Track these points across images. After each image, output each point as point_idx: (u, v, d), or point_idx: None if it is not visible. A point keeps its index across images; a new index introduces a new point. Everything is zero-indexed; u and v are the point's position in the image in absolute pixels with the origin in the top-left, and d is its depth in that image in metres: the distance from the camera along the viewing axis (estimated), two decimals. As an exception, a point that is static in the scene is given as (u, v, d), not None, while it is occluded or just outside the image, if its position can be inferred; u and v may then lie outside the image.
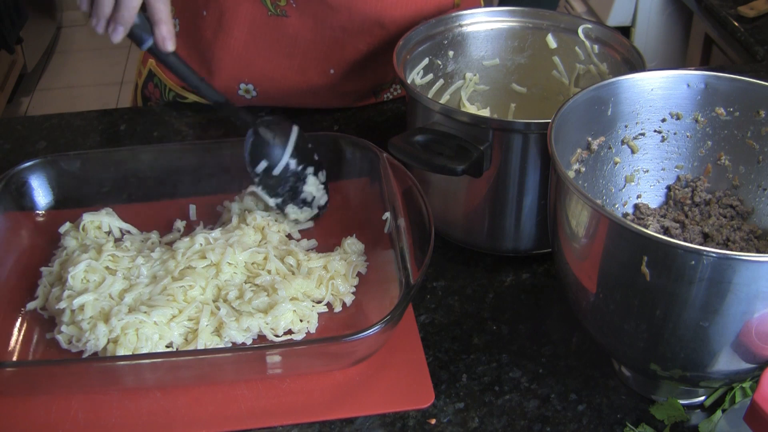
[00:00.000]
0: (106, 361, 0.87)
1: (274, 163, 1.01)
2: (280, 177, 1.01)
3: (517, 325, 0.96)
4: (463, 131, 0.94)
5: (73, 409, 0.87)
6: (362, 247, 1.03)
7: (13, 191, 1.04)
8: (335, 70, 1.26)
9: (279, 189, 1.02)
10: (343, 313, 0.97)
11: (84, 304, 0.92)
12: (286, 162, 1.01)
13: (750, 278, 0.69)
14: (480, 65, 1.16)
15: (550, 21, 1.13)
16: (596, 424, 0.86)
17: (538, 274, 1.03)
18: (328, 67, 1.26)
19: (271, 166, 1.01)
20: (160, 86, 1.34)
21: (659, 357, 0.78)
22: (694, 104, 0.92)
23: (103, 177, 1.08)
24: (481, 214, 1.01)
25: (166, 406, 0.87)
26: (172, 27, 0.96)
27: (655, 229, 0.93)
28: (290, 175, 1.02)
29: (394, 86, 1.34)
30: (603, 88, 0.90)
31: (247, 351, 0.89)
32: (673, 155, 0.95)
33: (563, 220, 0.81)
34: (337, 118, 1.31)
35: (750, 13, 1.95)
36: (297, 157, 1.02)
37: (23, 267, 1.01)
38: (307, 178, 1.02)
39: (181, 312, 0.92)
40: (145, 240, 1.04)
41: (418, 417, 0.86)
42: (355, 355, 0.88)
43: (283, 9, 1.20)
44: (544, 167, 0.95)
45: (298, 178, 1.02)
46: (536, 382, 0.90)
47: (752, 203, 0.93)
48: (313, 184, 1.03)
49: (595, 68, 1.11)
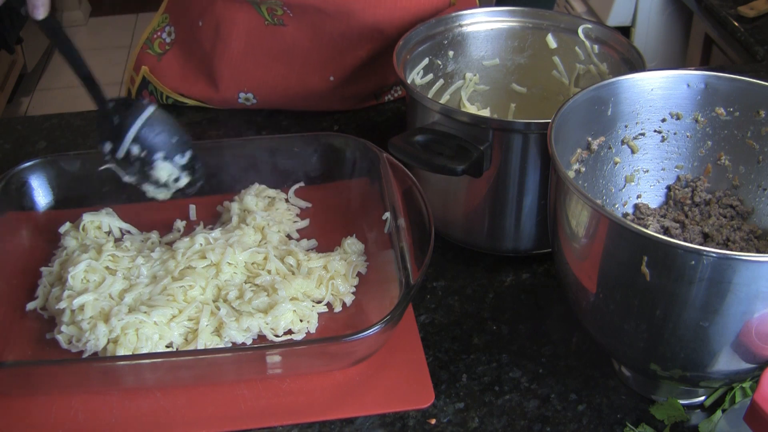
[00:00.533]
0: (106, 361, 0.87)
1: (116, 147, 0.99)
2: (126, 159, 0.99)
3: (517, 325, 0.96)
4: (463, 131, 0.94)
5: (73, 409, 0.87)
6: (362, 247, 1.03)
7: (13, 191, 1.04)
8: (335, 76, 1.26)
9: (128, 169, 1.00)
10: (343, 313, 0.97)
11: (84, 304, 0.92)
12: (127, 147, 0.98)
13: (750, 278, 0.69)
14: (480, 65, 1.16)
15: (550, 21, 1.13)
16: (596, 424, 0.86)
17: (538, 274, 1.03)
18: (327, 74, 1.25)
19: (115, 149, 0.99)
20: (156, 93, 1.33)
21: (659, 357, 0.78)
22: (694, 104, 0.92)
23: (103, 177, 1.08)
24: (481, 214, 1.01)
25: (166, 406, 0.87)
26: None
27: (655, 229, 0.93)
28: (134, 159, 0.99)
29: (395, 88, 1.34)
30: (603, 88, 0.90)
31: (247, 351, 0.89)
32: (673, 155, 0.95)
33: (563, 220, 0.81)
34: (337, 118, 1.31)
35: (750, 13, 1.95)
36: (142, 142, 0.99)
37: (23, 267, 1.01)
38: (154, 164, 0.99)
39: (181, 312, 0.92)
40: (145, 240, 1.04)
41: (418, 417, 0.86)
42: (355, 355, 0.88)
43: (280, 18, 1.20)
44: (544, 167, 0.95)
45: (144, 162, 0.99)
46: (536, 382, 0.90)
47: (752, 203, 0.93)
48: (163, 170, 0.99)
49: (595, 68, 1.11)
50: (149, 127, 0.99)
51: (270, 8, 1.19)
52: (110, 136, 0.98)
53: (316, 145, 1.10)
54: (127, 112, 0.99)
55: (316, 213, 1.10)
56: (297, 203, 1.11)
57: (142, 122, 0.98)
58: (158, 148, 0.99)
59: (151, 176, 0.99)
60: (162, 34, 1.32)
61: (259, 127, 1.29)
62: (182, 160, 1.00)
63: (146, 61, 1.32)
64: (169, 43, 1.31)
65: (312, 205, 1.11)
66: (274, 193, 1.09)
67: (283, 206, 1.09)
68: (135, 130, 0.98)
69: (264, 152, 1.10)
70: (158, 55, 1.31)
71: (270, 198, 1.09)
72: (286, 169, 1.11)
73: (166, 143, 1.00)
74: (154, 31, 1.32)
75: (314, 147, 1.10)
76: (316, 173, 1.12)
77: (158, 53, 1.31)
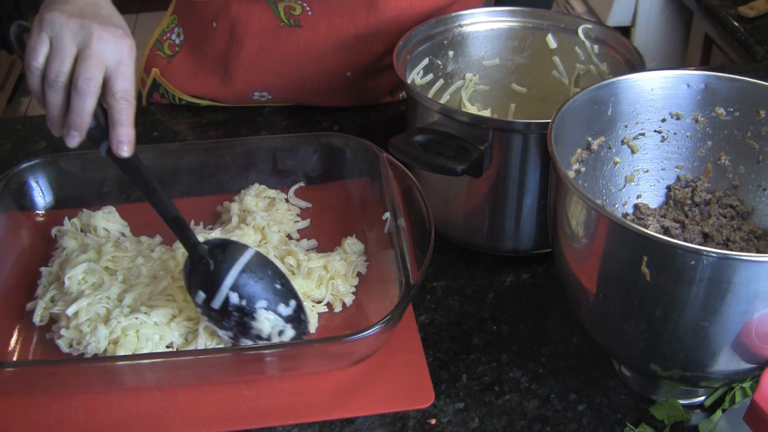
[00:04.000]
0: (105, 361, 0.87)
1: (212, 296, 0.88)
2: (222, 311, 0.89)
3: (517, 325, 0.96)
4: (463, 131, 0.94)
5: (73, 409, 0.87)
6: (362, 247, 1.03)
7: (13, 191, 1.04)
8: (352, 72, 1.26)
9: (224, 322, 0.89)
10: (343, 313, 0.97)
11: (78, 310, 0.91)
12: (225, 295, 0.88)
13: (750, 278, 0.69)
14: (480, 65, 1.16)
15: (550, 21, 1.13)
16: (596, 424, 0.85)
17: (538, 274, 1.03)
18: (344, 71, 1.25)
19: (210, 297, 0.89)
20: (168, 96, 1.33)
21: (659, 357, 0.78)
22: (694, 104, 0.92)
23: (103, 177, 1.08)
24: (481, 214, 1.01)
25: (166, 406, 0.87)
26: (131, 130, 0.84)
27: (655, 229, 0.93)
28: (233, 310, 0.88)
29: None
30: (603, 88, 0.90)
31: (247, 351, 0.89)
32: (673, 155, 0.95)
33: (563, 220, 0.81)
34: (337, 118, 1.31)
35: (750, 13, 1.95)
36: (242, 290, 0.89)
37: (23, 267, 1.01)
38: (256, 314, 0.89)
39: (181, 312, 0.92)
40: (141, 243, 1.03)
41: (418, 417, 0.86)
42: (355, 355, 0.88)
43: (297, 19, 1.19)
44: (544, 167, 0.95)
45: (245, 313, 0.88)
46: (536, 382, 0.90)
47: (752, 203, 0.93)
48: (267, 320, 0.89)
49: (595, 68, 1.11)
50: (249, 272, 0.89)
51: (288, 7, 1.18)
52: (204, 283, 0.88)
53: (316, 145, 1.10)
54: (223, 255, 0.89)
55: (316, 213, 1.10)
56: (297, 203, 1.11)
57: (241, 267, 0.88)
58: (260, 297, 0.89)
59: (252, 329, 0.89)
60: (171, 36, 1.31)
61: (259, 127, 1.29)
62: (287, 310, 0.90)
63: (156, 63, 1.32)
64: (178, 44, 1.31)
65: (312, 205, 1.11)
66: (274, 194, 1.09)
67: (284, 206, 1.09)
68: (234, 275, 0.87)
69: (264, 152, 1.10)
70: (168, 57, 1.31)
71: (270, 198, 1.09)
72: (286, 169, 1.11)
73: (269, 291, 0.89)
74: (163, 32, 1.32)
75: (314, 147, 1.11)
76: (316, 173, 1.12)
77: (168, 55, 1.31)
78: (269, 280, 0.90)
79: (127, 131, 0.83)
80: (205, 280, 0.89)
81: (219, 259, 0.89)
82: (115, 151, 0.84)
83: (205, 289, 0.88)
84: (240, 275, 0.88)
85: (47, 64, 0.82)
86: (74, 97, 0.81)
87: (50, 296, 0.96)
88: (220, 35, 1.25)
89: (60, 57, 0.81)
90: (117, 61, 0.83)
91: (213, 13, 1.24)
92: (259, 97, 1.29)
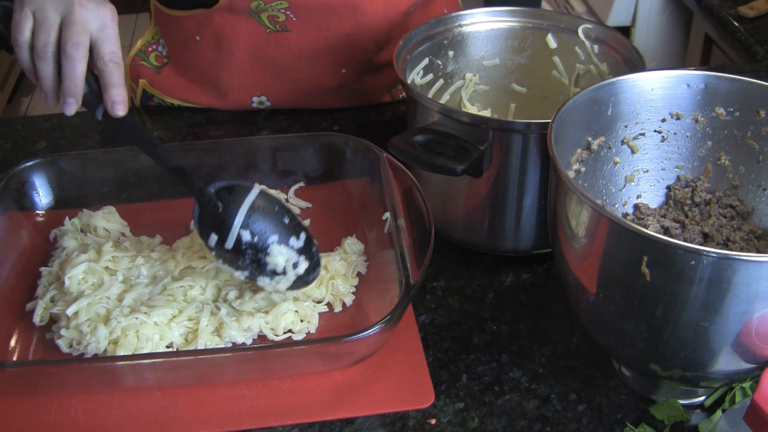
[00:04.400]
0: (106, 361, 0.87)
1: (224, 236, 0.90)
2: (236, 250, 0.91)
3: (517, 325, 0.96)
4: (463, 131, 0.94)
5: (73, 409, 0.87)
6: (362, 247, 1.03)
7: (13, 191, 1.04)
8: (347, 69, 1.26)
9: (239, 262, 0.91)
10: (343, 313, 0.97)
11: (78, 310, 0.91)
12: (236, 234, 0.90)
13: (750, 278, 0.69)
14: (480, 65, 1.16)
15: (550, 21, 1.13)
16: (596, 424, 0.85)
17: (538, 274, 1.03)
18: (339, 68, 1.25)
19: (223, 239, 0.91)
20: (164, 103, 1.32)
21: (659, 357, 0.78)
22: (694, 104, 0.92)
23: (103, 177, 1.08)
24: (481, 214, 1.01)
25: (166, 406, 0.87)
26: (123, 91, 0.87)
27: (655, 229, 0.93)
28: (246, 247, 0.90)
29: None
30: (603, 88, 0.90)
31: (247, 351, 0.89)
32: (673, 155, 0.95)
33: (563, 220, 0.81)
34: (337, 118, 1.31)
35: (750, 13, 1.95)
36: (253, 227, 0.91)
37: (23, 267, 1.01)
38: (269, 249, 0.91)
39: (181, 312, 0.92)
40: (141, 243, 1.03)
41: (418, 417, 0.86)
42: (355, 355, 0.88)
43: (282, 24, 1.19)
44: (544, 167, 0.95)
45: (258, 249, 0.90)
46: (536, 382, 0.90)
47: (752, 203, 0.93)
48: (280, 254, 0.91)
49: (595, 68, 1.11)
50: (258, 209, 0.91)
51: (271, 16, 1.18)
52: (215, 225, 0.90)
53: (316, 145, 1.10)
54: (230, 196, 0.91)
55: (317, 213, 1.10)
56: (297, 203, 1.11)
57: (249, 205, 0.90)
58: (271, 232, 0.91)
59: (267, 264, 0.91)
60: (158, 47, 1.30)
61: (259, 127, 1.29)
62: (298, 243, 0.93)
63: (143, 73, 1.31)
64: (165, 55, 1.30)
65: (312, 205, 1.11)
66: (274, 194, 1.09)
67: (284, 206, 1.08)
68: (243, 214, 0.90)
69: (264, 152, 1.10)
70: (156, 67, 1.30)
71: (270, 198, 1.09)
72: (286, 169, 1.11)
73: (278, 225, 0.92)
74: (148, 43, 1.31)
75: (314, 147, 1.10)
76: (316, 173, 1.12)
77: (156, 66, 1.30)
78: (277, 215, 0.92)
79: (119, 91, 0.87)
80: (215, 222, 0.90)
81: (227, 200, 0.91)
82: (111, 111, 0.87)
83: (217, 231, 0.90)
84: (249, 213, 0.90)
85: (34, 36, 0.85)
86: (64, 63, 0.84)
87: (50, 296, 0.96)
88: (206, 48, 1.24)
89: (45, 28, 0.84)
90: (101, 26, 0.86)
91: (194, 27, 1.23)
92: (258, 104, 1.29)
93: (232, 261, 0.91)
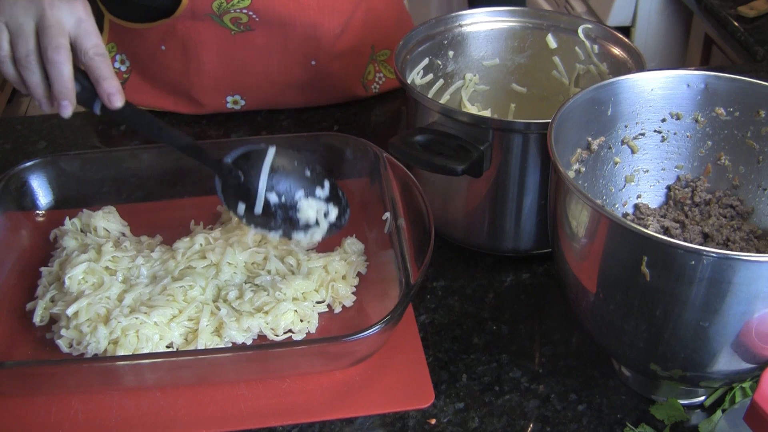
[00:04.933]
0: (106, 361, 0.87)
1: (252, 203, 0.92)
2: (265, 214, 0.92)
3: (517, 325, 0.96)
4: (463, 131, 0.94)
5: (73, 409, 0.87)
6: (362, 247, 1.03)
7: (13, 191, 1.04)
8: (317, 60, 1.26)
9: (272, 224, 0.93)
10: (343, 313, 0.97)
11: (78, 310, 0.91)
12: (263, 198, 0.91)
13: (750, 278, 0.69)
14: (480, 65, 1.16)
15: (550, 21, 1.13)
16: (596, 424, 0.85)
17: (538, 274, 1.03)
18: (308, 60, 1.25)
19: (251, 206, 0.92)
20: None
21: (659, 357, 0.78)
22: (694, 104, 0.92)
23: (103, 177, 1.08)
24: (481, 214, 1.01)
25: (166, 406, 0.87)
26: (116, 81, 0.86)
27: (655, 229, 0.93)
28: (275, 209, 0.92)
29: (377, 76, 1.35)
30: (603, 88, 0.90)
31: (247, 351, 0.89)
32: (673, 155, 0.95)
33: (563, 220, 0.81)
34: (337, 118, 1.31)
35: (750, 13, 1.95)
36: (278, 187, 0.92)
37: (23, 267, 1.01)
38: (298, 205, 0.92)
39: (181, 312, 0.92)
40: (141, 243, 1.03)
41: (418, 417, 0.86)
42: (355, 355, 0.88)
43: (246, 25, 1.19)
44: (544, 167, 0.95)
45: (288, 208, 0.92)
46: (536, 382, 0.90)
47: (752, 203, 0.93)
48: (310, 208, 0.93)
49: (595, 68, 1.11)
50: (278, 170, 0.92)
51: (234, 18, 1.18)
52: (240, 195, 0.91)
53: (316, 145, 1.10)
54: (248, 163, 0.92)
55: (316, 213, 1.10)
56: (297, 203, 1.10)
57: (269, 167, 0.91)
58: (297, 188, 0.93)
59: (299, 221, 0.92)
60: (115, 64, 1.29)
61: (259, 127, 1.29)
62: (324, 192, 0.94)
63: None
64: (126, 70, 1.29)
65: (312, 205, 1.11)
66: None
67: (284, 206, 1.08)
68: (265, 178, 0.90)
69: (264, 152, 1.10)
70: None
71: (270, 198, 1.09)
72: (287, 169, 1.11)
73: (302, 180, 0.93)
74: None
75: (314, 147, 1.10)
76: (317, 173, 1.11)
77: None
78: (298, 170, 0.93)
79: (112, 83, 0.85)
80: (240, 192, 0.91)
81: (246, 167, 0.91)
82: (108, 104, 0.86)
83: (243, 199, 0.91)
84: (271, 175, 0.91)
85: (13, 48, 0.83)
86: (50, 69, 0.83)
87: (50, 296, 0.96)
88: (173, 56, 1.23)
89: (23, 37, 0.83)
90: (76, 22, 0.84)
91: (157, 37, 1.22)
92: (233, 104, 1.29)
93: (264, 224, 0.93)
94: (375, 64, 1.34)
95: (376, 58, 1.33)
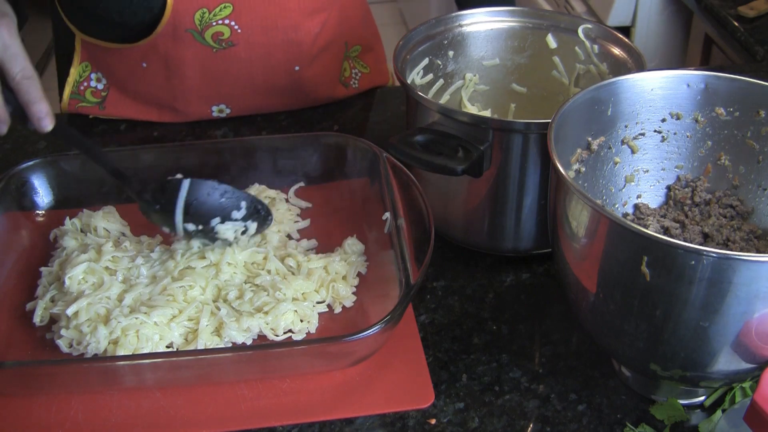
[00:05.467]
0: (105, 361, 0.87)
1: (172, 229, 0.98)
2: (188, 235, 0.98)
3: (517, 325, 0.96)
4: (463, 131, 0.94)
5: (73, 409, 0.87)
6: (362, 248, 1.03)
7: (13, 191, 1.04)
8: (300, 65, 1.26)
9: (196, 241, 0.99)
10: (343, 313, 0.97)
11: (78, 310, 0.91)
12: (181, 227, 0.97)
13: (750, 278, 0.69)
14: (480, 65, 1.16)
15: (550, 21, 1.13)
16: (596, 424, 0.85)
17: (538, 274, 1.03)
18: (291, 67, 1.25)
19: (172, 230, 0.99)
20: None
21: (659, 357, 0.78)
22: (694, 104, 0.92)
23: (103, 177, 1.08)
24: (481, 214, 1.01)
25: (166, 406, 0.87)
26: (44, 104, 0.87)
27: (655, 229, 0.93)
28: (195, 233, 0.98)
29: (353, 72, 1.35)
30: (603, 88, 0.90)
31: (247, 351, 0.89)
32: (673, 155, 0.95)
33: (563, 220, 0.81)
34: (337, 118, 1.31)
35: (750, 13, 1.95)
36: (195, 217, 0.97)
37: (23, 267, 1.01)
38: (215, 229, 0.97)
39: (181, 312, 0.92)
40: (141, 243, 1.03)
41: (418, 417, 0.86)
42: (355, 355, 0.88)
43: (228, 41, 1.19)
44: (544, 167, 0.95)
45: (206, 232, 0.98)
46: (536, 382, 0.90)
47: (752, 203, 0.93)
48: (227, 230, 0.98)
49: (595, 68, 1.11)
50: (193, 201, 0.97)
51: (216, 33, 1.17)
52: (161, 222, 0.98)
53: (316, 145, 1.10)
54: (163, 196, 0.97)
55: (317, 213, 1.10)
56: (297, 203, 1.11)
57: (183, 201, 0.96)
58: (211, 215, 0.97)
59: (220, 239, 0.98)
60: (91, 83, 1.28)
61: (259, 127, 1.29)
62: (240, 213, 0.99)
63: (87, 112, 1.30)
64: (103, 88, 1.28)
65: (312, 205, 1.11)
66: (274, 194, 1.09)
67: (284, 206, 1.08)
68: (180, 210, 0.96)
69: (264, 152, 1.10)
70: (98, 103, 1.29)
71: (270, 198, 1.09)
72: (286, 169, 1.11)
73: (216, 207, 0.98)
74: (77, 83, 1.28)
75: (314, 147, 1.10)
76: (316, 173, 1.11)
77: (96, 102, 1.29)
78: (213, 197, 0.98)
79: (40, 107, 0.86)
80: (160, 220, 0.98)
81: (162, 201, 0.97)
82: (39, 128, 0.88)
83: (165, 226, 0.98)
84: (186, 207, 0.97)
85: None
86: None
87: (50, 296, 0.96)
88: (155, 73, 1.23)
89: None
90: (2, 47, 0.84)
91: (138, 55, 1.21)
92: (218, 113, 1.29)
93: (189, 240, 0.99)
94: (349, 61, 1.35)
95: (350, 54, 1.34)
